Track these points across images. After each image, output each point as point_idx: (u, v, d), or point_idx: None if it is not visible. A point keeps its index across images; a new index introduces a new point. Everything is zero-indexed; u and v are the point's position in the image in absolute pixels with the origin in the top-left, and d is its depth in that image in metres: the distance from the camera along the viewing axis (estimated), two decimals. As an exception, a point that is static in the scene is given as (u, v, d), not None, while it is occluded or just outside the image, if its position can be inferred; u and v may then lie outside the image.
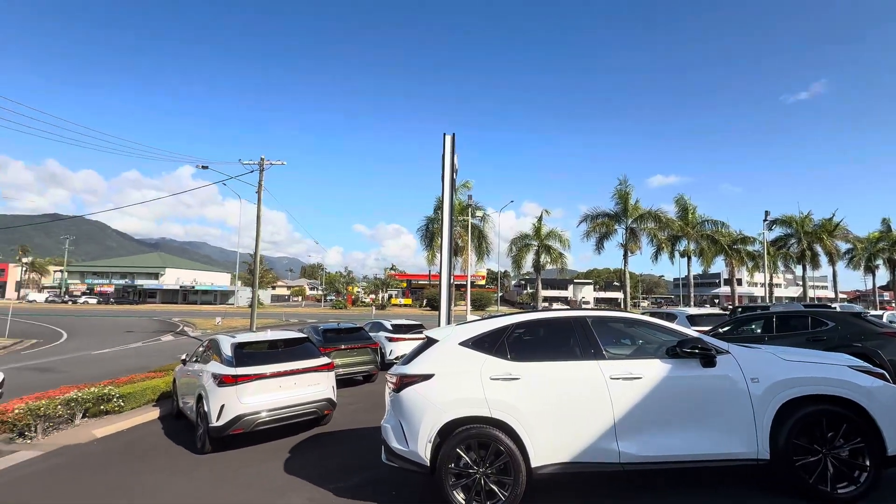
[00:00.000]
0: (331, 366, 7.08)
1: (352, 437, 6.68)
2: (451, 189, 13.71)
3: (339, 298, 76.44)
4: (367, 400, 9.30)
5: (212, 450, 6.03)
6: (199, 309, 61.32)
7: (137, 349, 22.77)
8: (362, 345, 11.12)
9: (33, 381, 13.33)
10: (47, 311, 50.50)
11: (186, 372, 7.78)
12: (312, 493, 4.63)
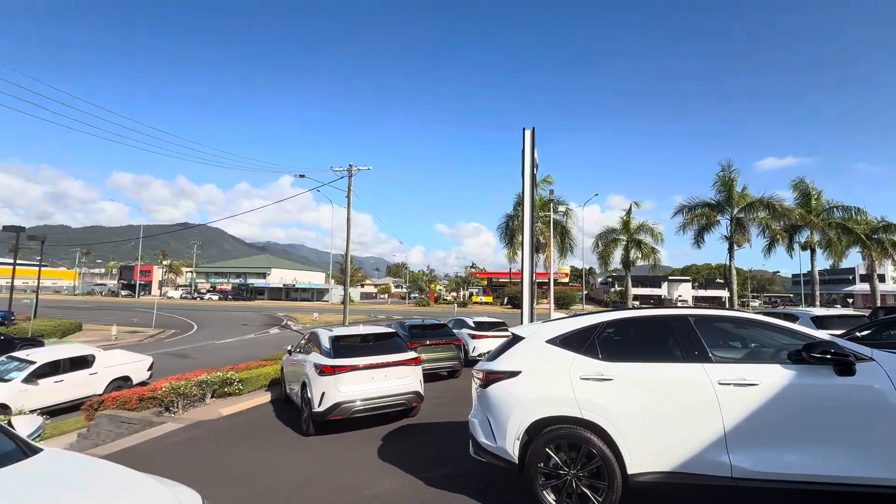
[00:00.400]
0: (418, 360, 7.36)
1: (439, 429, 6.88)
2: (531, 184, 13.43)
3: (422, 296, 79.04)
4: (451, 395, 9.50)
5: (315, 433, 6.62)
6: (299, 305, 67.44)
7: (251, 340, 25.75)
8: (446, 341, 11.37)
9: (173, 365, 15.75)
10: (181, 305, 59.13)
11: (292, 361, 8.63)
12: (404, 479, 4.86)
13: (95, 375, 11.73)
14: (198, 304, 64.76)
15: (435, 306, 67.20)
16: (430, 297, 75.58)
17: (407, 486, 4.68)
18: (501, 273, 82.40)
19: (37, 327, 23.65)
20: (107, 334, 25.58)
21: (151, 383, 10.34)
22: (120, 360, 12.79)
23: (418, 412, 7.65)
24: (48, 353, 11.49)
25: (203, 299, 78.36)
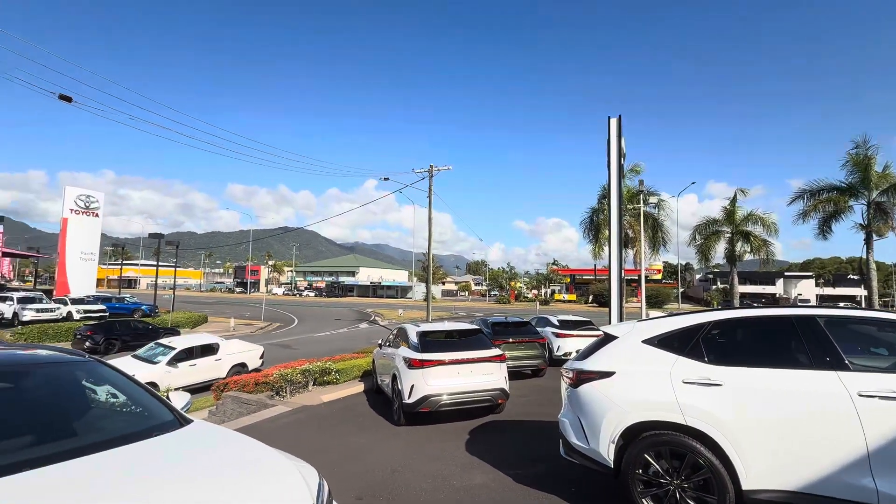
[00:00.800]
0: (503, 357, 7.37)
1: (525, 427, 6.83)
2: (618, 175, 12.69)
3: (503, 294, 78.63)
4: (536, 394, 9.36)
5: (405, 423, 6.96)
6: (385, 302, 71.01)
7: (343, 334, 27.72)
8: (530, 339, 11.22)
9: (279, 354, 17.53)
10: (283, 301, 65.48)
11: (382, 354, 9.14)
12: (493, 474, 4.91)
13: (220, 361, 13.51)
14: (297, 301, 71.22)
15: (515, 304, 66.44)
16: (510, 294, 74.91)
17: (496, 482, 4.72)
18: (585, 270, 78.91)
19: (174, 319, 27.84)
20: (226, 326, 29.25)
21: (263, 370, 11.64)
22: (238, 349, 14.58)
23: (504, 409, 7.66)
24: (184, 341, 13.48)
25: (301, 296, 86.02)
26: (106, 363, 2.98)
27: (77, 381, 2.78)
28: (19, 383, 2.53)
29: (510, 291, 78.55)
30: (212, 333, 18.94)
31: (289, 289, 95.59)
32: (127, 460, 2.11)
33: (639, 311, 23.68)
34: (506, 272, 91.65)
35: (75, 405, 2.68)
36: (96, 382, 2.86)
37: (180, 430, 2.48)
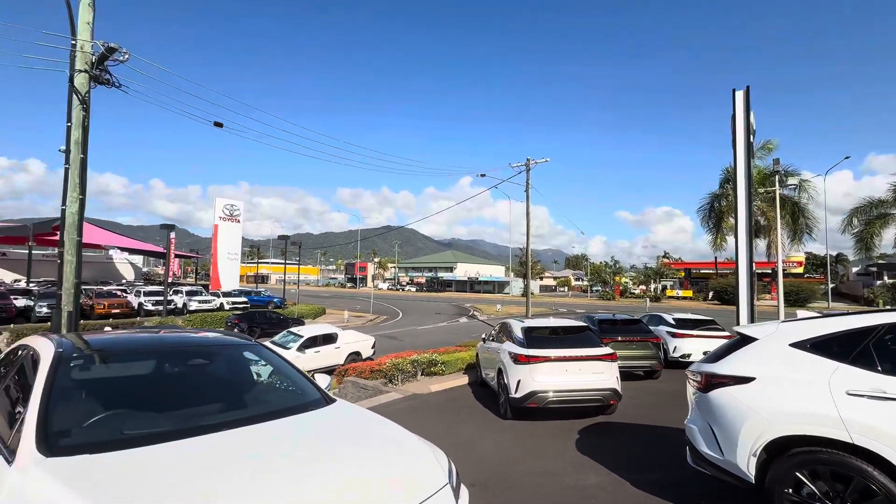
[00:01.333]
0: (614, 356, 7.02)
1: (640, 431, 6.44)
2: (746, 154, 11.21)
3: (606, 289, 74.06)
4: (649, 397, 8.73)
5: (512, 417, 7.02)
6: (482, 297, 71.71)
7: (444, 327, 28.72)
8: (642, 338, 10.47)
9: (388, 345, 18.82)
10: (387, 295, 69.93)
11: (486, 349, 9.31)
12: (608, 477, 4.74)
13: (339, 350, 14.98)
14: (399, 295, 75.54)
15: (621, 300, 62.14)
16: (614, 290, 70.21)
17: (612, 485, 4.55)
18: (703, 263, 70.69)
19: (299, 311, 31.51)
20: (341, 318, 32.25)
21: (376, 359, 12.63)
22: (353, 339, 16.01)
23: (615, 410, 7.30)
24: (310, 331, 15.20)
25: (403, 290, 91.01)
26: (267, 346, 3.55)
27: (246, 360, 3.35)
28: (213, 360, 3.15)
29: (615, 287, 73.61)
30: (330, 324, 21.05)
31: (392, 284, 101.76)
32: (289, 430, 2.51)
33: (774, 309, 20.54)
34: (609, 266, 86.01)
35: (245, 380, 3.25)
36: (260, 362, 3.41)
37: (328, 408, 2.86)
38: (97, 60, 8.71)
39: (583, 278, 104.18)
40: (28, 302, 23.81)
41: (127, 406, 2.52)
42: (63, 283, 8.65)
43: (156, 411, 2.58)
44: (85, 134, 8.67)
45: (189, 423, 2.45)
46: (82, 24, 8.59)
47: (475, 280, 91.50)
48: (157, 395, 2.76)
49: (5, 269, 42.72)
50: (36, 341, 2.81)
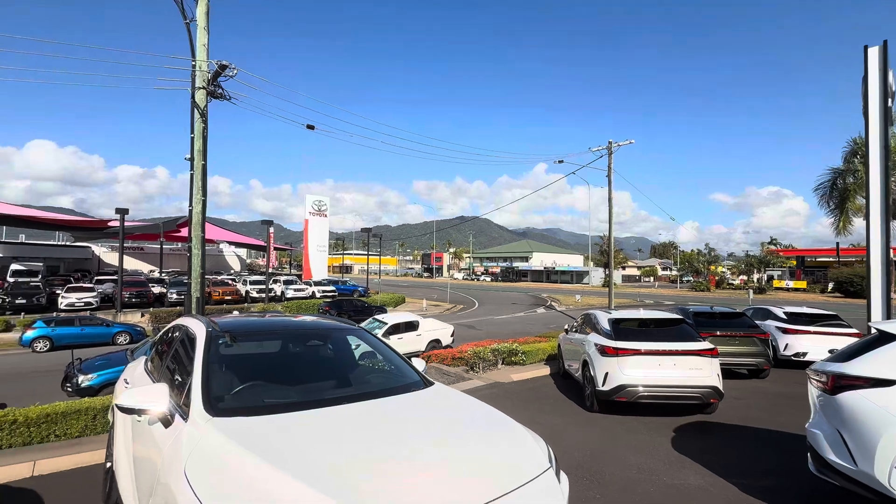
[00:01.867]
0: (714, 352, 6.51)
1: (746, 434, 5.92)
2: (883, 120, 9.62)
3: (699, 279, 67.69)
4: (755, 397, 7.95)
5: (598, 410, 6.84)
6: (560, 287, 69.68)
7: (522, 317, 28.47)
8: (745, 333, 9.51)
9: (465, 334, 19.17)
10: (463, 285, 70.84)
11: (569, 340, 9.12)
12: (710, 478, 4.46)
13: (420, 337, 15.60)
14: (474, 285, 76.11)
15: (717, 292, 56.48)
16: (709, 280, 63.94)
17: (716, 487, 4.28)
18: (820, 250, 61.69)
19: (381, 299, 33.25)
20: (419, 306, 33.43)
21: (455, 347, 12.97)
22: (433, 327, 16.56)
23: (715, 410, 6.77)
24: (393, 318, 16.01)
25: (478, 280, 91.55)
26: (368, 331, 3.86)
27: (352, 343, 3.68)
28: (326, 342, 3.54)
29: (709, 277, 67.01)
30: (411, 312, 21.94)
31: (467, 274, 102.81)
32: (400, 407, 2.74)
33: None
34: (703, 254, 78.24)
35: (353, 361, 3.57)
36: (362, 345, 3.73)
37: (427, 389, 3.06)
38: (212, 77, 9.89)
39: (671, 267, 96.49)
40: (162, 289, 28.01)
41: (262, 379, 2.93)
42: (192, 272, 10.04)
43: (285, 384, 2.97)
44: (204, 143, 9.92)
45: (313, 396, 2.79)
46: (199, 47, 9.79)
47: (552, 270, 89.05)
48: (284, 371, 3.18)
49: (143, 262, 50.55)
50: (189, 322, 3.37)
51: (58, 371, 10.59)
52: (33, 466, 4.49)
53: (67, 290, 24.11)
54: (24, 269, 31.22)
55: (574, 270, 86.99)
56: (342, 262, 65.18)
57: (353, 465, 1.95)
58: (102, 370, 9.08)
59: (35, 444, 4.97)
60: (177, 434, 2.27)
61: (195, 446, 2.06)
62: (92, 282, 29.46)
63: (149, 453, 2.58)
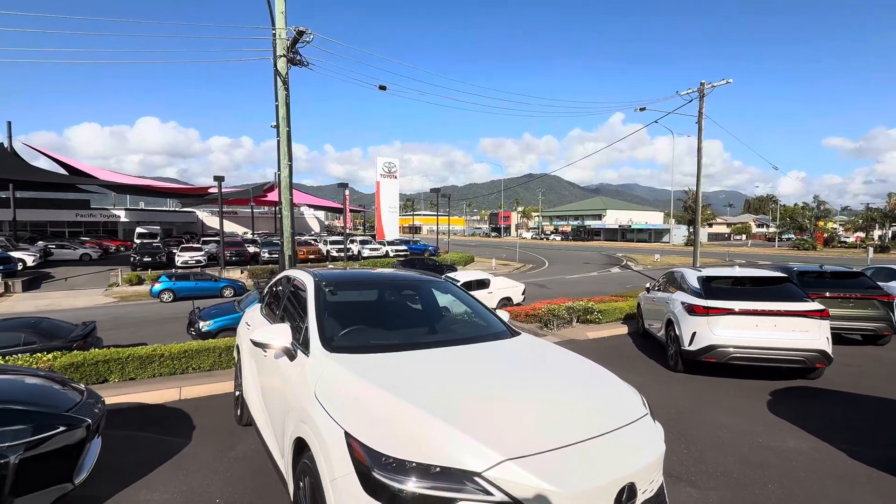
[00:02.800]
0: (825, 313, 5.89)
1: (858, 402, 5.40)
2: None
3: (803, 237, 59.97)
4: (874, 365, 7.14)
5: (683, 370, 6.60)
6: (636, 246, 65.89)
7: (594, 277, 27.60)
8: (863, 295, 8.42)
9: (536, 292, 19.08)
10: (532, 245, 69.69)
11: (650, 299, 8.75)
12: (814, 443, 4.19)
13: (491, 294, 15.83)
14: (544, 244, 74.48)
15: (825, 250, 49.82)
16: (816, 237, 56.38)
17: (820, 452, 4.02)
18: (971, 200, 51.26)
19: (450, 258, 33.94)
20: (488, 265, 33.65)
21: (528, 305, 13.02)
22: (504, 285, 16.69)
23: (821, 375, 6.22)
24: (465, 276, 16.36)
25: (548, 239, 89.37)
26: (453, 283, 4.03)
27: (438, 294, 3.88)
28: (417, 292, 3.78)
29: (816, 234, 58.99)
30: (481, 270, 22.21)
31: (536, 233, 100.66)
32: (489, 352, 2.90)
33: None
34: (809, 208, 68.41)
35: (444, 311, 3.78)
36: (448, 296, 3.90)
37: (515, 338, 3.18)
38: (290, 44, 10.27)
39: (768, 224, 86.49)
40: (256, 249, 31.04)
41: (363, 323, 3.23)
42: (283, 232, 10.97)
43: (383, 329, 3.26)
44: (287, 110, 10.48)
45: (411, 340, 3.04)
46: (278, 15, 10.15)
47: (627, 228, 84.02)
48: (382, 317, 3.47)
49: (237, 224, 56.07)
50: (297, 273, 3.75)
51: (181, 318, 12.39)
52: (180, 392, 5.43)
53: (181, 250, 27.70)
54: (146, 233, 36.39)
55: (652, 228, 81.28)
56: (412, 222, 67.03)
57: (458, 395, 2.13)
58: (217, 318, 10.47)
59: (178, 374, 5.98)
60: (302, 366, 2.62)
61: (319, 376, 2.38)
62: (199, 243, 33.47)
63: (276, 382, 3.02)
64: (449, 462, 1.69)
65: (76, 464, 2.99)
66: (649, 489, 1.91)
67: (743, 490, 3.39)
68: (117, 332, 11.59)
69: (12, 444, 2.65)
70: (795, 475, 3.62)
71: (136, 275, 22.94)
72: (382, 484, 1.69)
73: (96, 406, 3.37)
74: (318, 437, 2.03)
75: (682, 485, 3.46)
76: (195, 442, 4.20)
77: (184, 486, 3.40)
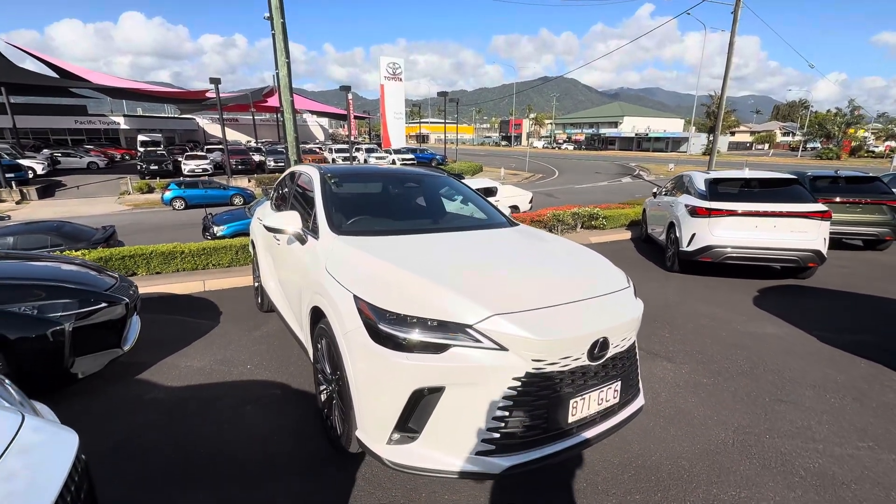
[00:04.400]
0: (826, 214, 5.92)
1: (843, 298, 5.68)
2: None
3: (829, 146, 56.90)
4: (867, 267, 7.34)
5: (679, 270, 6.86)
6: (652, 156, 63.62)
7: (604, 186, 27.23)
8: (874, 200, 8.34)
9: (544, 201, 19.06)
10: (543, 154, 67.61)
11: (656, 204, 8.76)
12: (789, 329, 4.54)
13: (498, 202, 15.83)
14: (556, 154, 72.20)
15: (850, 161, 47.69)
16: (843, 146, 53.51)
17: (793, 336, 4.38)
18: None
19: (458, 167, 33.35)
20: (497, 175, 33.12)
21: (535, 211, 13.11)
22: (511, 193, 16.62)
23: (812, 275, 6.47)
24: (472, 184, 16.27)
25: (560, 149, 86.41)
26: (456, 179, 4.10)
27: (442, 188, 3.97)
28: (421, 185, 3.88)
29: (843, 142, 55.84)
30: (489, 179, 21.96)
31: (548, 142, 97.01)
32: (490, 236, 3.08)
33: None
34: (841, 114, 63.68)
35: (446, 203, 3.91)
36: (452, 191, 4.00)
37: (515, 227, 3.35)
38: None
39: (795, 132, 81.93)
40: (261, 158, 30.66)
41: (369, 213, 3.39)
42: (287, 136, 10.76)
43: (389, 217, 3.42)
44: (281, 0, 9.62)
45: (414, 226, 3.21)
46: None
47: (643, 137, 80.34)
48: (386, 208, 3.63)
49: (238, 132, 54.61)
50: (303, 168, 3.84)
51: (195, 224, 12.79)
52: (203, 284, 5.87)
53: (187, 158, 27.47)
54: (149, 140, 35.82)
55: (669, 137, 77.61)
56: (419, 130, 64.61)
57: (454, 267, 2.35)
58: (230, 223, 10.80)
59: (199, 269, 6.40)
60: (313, 247, 2.83)
61: (329, 253, 2.59)
62: (203, 151, 33.04)
63: (290, 266, 3.27)
64: (445, 317, 1.93)
65: (122, 335, 3.41)
66: (621, 345, 2.17)
67: (713, 364, 3.78)
68: (136, 237, 12.09)
69: (63, 314, 3.03)
70: (765, 353, 3.99)
71: (146, 183, 23.13)
72: (387, 334, 1.95)
73: (131, 289, 3.72)
74: (331, 304, 2.29)
75: (660, 360, 3.85)
76: (223, 324, 4.67)
77: (218, 356, 3.88)
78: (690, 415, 2.99)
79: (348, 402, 2.19)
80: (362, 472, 2.40)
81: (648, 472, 2.43)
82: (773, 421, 2.92)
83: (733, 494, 2.26)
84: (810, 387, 3.39)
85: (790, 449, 2.63)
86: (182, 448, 2.61)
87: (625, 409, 2.26)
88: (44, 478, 1.17)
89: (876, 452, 2.60)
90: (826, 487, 2.31)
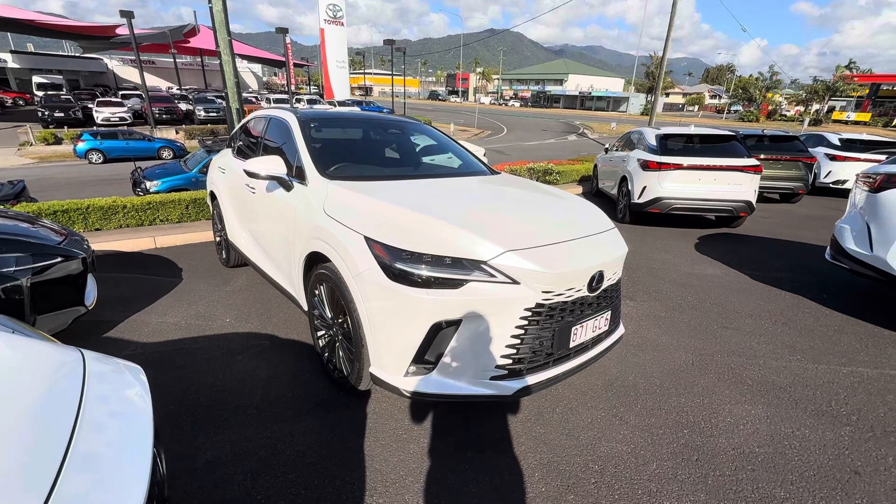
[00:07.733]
0: (758, 168, 6.58)
1: (767, 243, 6.46)
2: None
3: (749, 108, 61.68)
4: (783, 216, 8.35)
5: (629, 221, 7.39)
6: (595, 114, 65.39)
7: (551, 144, 27.84)
8: (792, 157, 9.32)
9: (497, 158, 19.18)
10: (490, 110, 67.11)
11: (607, 160, 9.19)
12: (726, 270, 5.14)
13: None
14: (502, 110, 71.97)
15: (766, 123, 52.19)
16: (760, 109, 58.23)
17: (730, 276, 4.96)
18: (903, 76, 53.73)
19: (407, 122, 32.39)
20: (446, 130, 32.63)
21: (490, 167, 13.22)
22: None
23: (741, 224, 7.24)
24: (426, 138, 15.99)
25: (506, 105, 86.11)
26: (433, 127, 4.05)
27: (422, 135, 3.92)
28: (401, 131, 3.80)
29: (762, 105, 60.76)
30: (441, 134, 21.56)
31: (495, 98, 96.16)
32: (477, 182, 3.14)
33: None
34: (763, 79, 68.89)
35: (428, 150, 3.87)
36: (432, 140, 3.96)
37: (496, 175, 3.42)
38: None
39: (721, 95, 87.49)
40: (188, 106, 27.71)
41: (353, 159, 3.29)
42: (226, 82, 9.81)
43: (375, 163, 3.36)
44: (211, -83, 8.43)
45: (405, 172, 3.19)
46: None
47: (587, 95, 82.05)
48: (369, 154, 3.54)
49: (158, 77, 48.57)
50: (278, 112, 3.59)
51: (118, 180, 11.59)
52: (154, 241, 5.45)
53: (99, 105, 24.20)
54: (48, 83, 30.93)
55: (611, 96, 79.97)
56: (362, 81, 61.19)
57: (461, 209, 2.40)
58: (164, 177, 9.87)
59: (146, 225, 5.90)
60: (302, 193, 2.74)
61: (326, 197, 2.53)
62: (117, 97, 29.22)
63: (272, 213, 3.14)
64: (460, 254, 2.01)
65: (83, 291, 3.15)
66: (612, 279, 2.39)
67: (668, 300, 4.23)
68: (52, 193, 10.75)
69: (17, 268, 2.73)
70: (709, 290, 4.52)
71: (52, 133, 20.26)
72: (403, 271, 2.00)
73: (84, 243, 3.40)
74: (337, 246, 2.27)
75: (624, 299, 4.24)
76: (187, 280, 4.42)
77: (190, 311, 3.72)
78: (655, 342, 3.38)
79: (358, 342, 2.24)
80: (371, 407, 2.51)
81: (627, 389, 2.77)
82: (722, 343, 3.39)
83: (697, 402, 2.66)
84: (748, 315, 3.93)
85: (738, 364, 3.09)
86: (178, 400, 2.55)
87: (611, 336, 2.52)
88: (130, 404, 1.16)
89: (803, 363, 3.15)
90: (769, 391, 2.79)
